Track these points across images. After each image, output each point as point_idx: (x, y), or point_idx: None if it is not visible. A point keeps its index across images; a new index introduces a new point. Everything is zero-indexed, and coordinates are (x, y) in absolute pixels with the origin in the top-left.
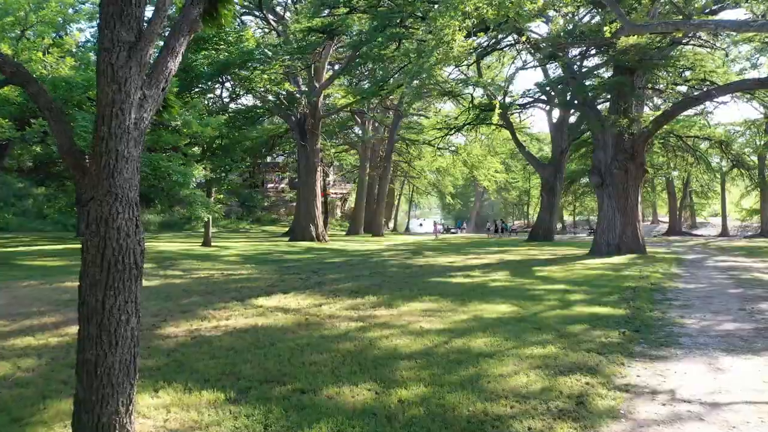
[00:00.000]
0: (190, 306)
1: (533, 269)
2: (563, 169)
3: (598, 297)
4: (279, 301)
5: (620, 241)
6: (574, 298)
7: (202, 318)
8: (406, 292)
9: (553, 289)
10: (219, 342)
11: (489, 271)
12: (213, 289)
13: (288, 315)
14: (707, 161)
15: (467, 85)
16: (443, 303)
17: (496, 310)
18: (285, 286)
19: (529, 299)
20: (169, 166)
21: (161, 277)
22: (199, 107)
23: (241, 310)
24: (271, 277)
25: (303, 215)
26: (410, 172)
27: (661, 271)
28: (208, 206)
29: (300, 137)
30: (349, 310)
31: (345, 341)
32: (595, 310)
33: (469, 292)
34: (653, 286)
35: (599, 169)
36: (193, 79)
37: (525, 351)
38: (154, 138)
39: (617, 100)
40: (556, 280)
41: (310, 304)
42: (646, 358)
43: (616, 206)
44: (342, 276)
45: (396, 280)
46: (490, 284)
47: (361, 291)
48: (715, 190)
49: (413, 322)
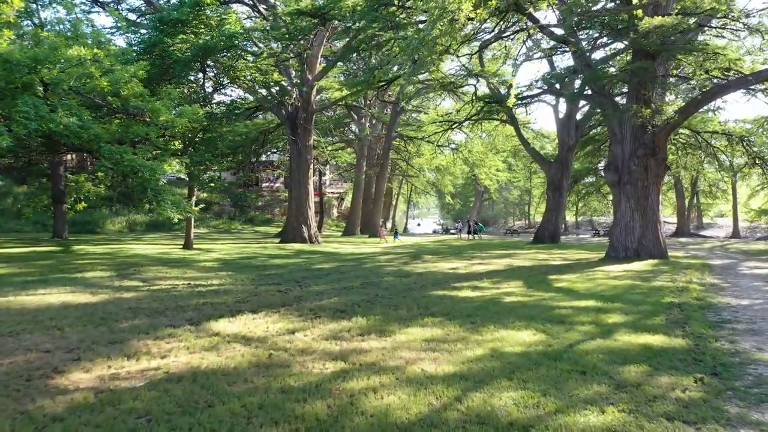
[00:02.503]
0: (125, 334)
1: (549, 278)
2: (570, 166)
3: (640, 318)
4: (244, 324)
5: (639, 245)
6: (612, 320)
7: (131, 354)
8: (404, 311)
9: (581, 307)
10: (132, 402)
11: (499, 280)
12: (167, 307)
13: (248, 348)
14: (719, 159)
15: (470, 76)
16: (450, 328)
17: (519, 339)
18: (257, 301)
19: (557, 322)
20: (133, 160)
21: (112, 289)
22: (174, 95)
23: (189, 341)
24: (245, 288)
25: (295, 215)
26: (408, 170)
27: (697, 281)
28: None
29: (291, 132)
30: (329, 340)
31: (315, 399)
32: (645, 339)
33: (481, 310)
34: (699, 302)
35: (616, 166)
36: (170, 65)
37: (577, 419)
38: (122, 129)
39: (638, 88)
40: (581, 294)
41: (282, 329)
42: (753, 428)
43: (635, 206)
44: (329, 288)
45: (392, 293)
46: (504, 299)
47: (349, 309)
48: (724, 190)
49: (412, 360)
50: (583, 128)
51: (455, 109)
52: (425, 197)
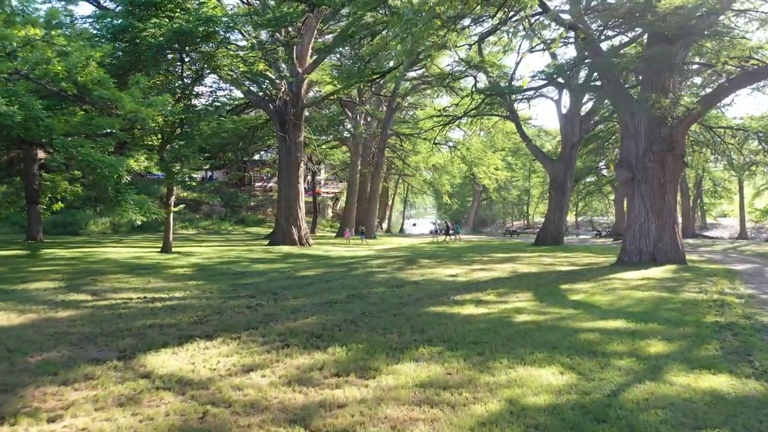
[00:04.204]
0: (25, 375)
1: (561, 289)
2: (574, 164)
3: (688, 347)
4: (190, 358)
5: (655, 249)
6: (654, 349)
7: (10, 414)
8: (394, 336)
9: (610, 330)
10: None
11: (505, 291)
12: (103, 331)
13: (179, 401)
14: (730, 156)
15: (469, 67)
16: (452, 363)
17: (543, 382)
18: (218, 322)
19: (586, 352)
20: (89, 154)
21: (49, 306)
22: (143, 84)
23: (106, 387)
24: (209, 303)
25: (284, 216)
26: (405, 170)
27: (731, 292)
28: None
29: (280, 128)
30: (293, 385)
31: None
32: (709, 381)
33: (489, 335)
34: (749, 321)
35: (629, 162)
36: (142, 51)
37: None
38: (84, 121)
39: (655, 77)
40: (604, 310)
41: (236, 366)
42: None
43: (650, 206)
44: (308, 302)
45: (381, 309)
46: (515, 318)
47: (326, 335)
48: (729, 189)
49: (401, 425)
50: (587, 124)
51: (453, 104)
52: (422, 197)
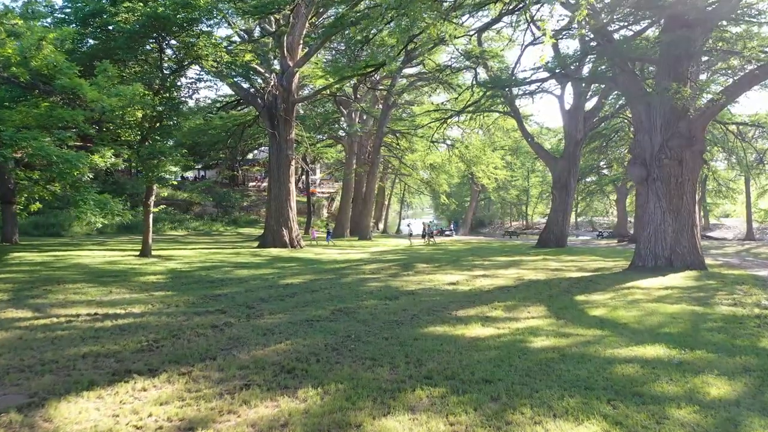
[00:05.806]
0: None
1: (577, 300)
2: (578, 163)
3: (760, 388)
4: (116, 406)
5: (672, 253)
6: (716, 391)
7: None
8: (384, 370)
9: (650, 360)
10: None
11: (514, 304)
12: (22, 363)
13: None
14: (738, 155)
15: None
16: (459, 416)
17: None
18: (170, 349)
19: (629, 396)
20: (42, 147)
21: None
22: (111, 72)
23: None
24: (169, 321)
25: (274, 217)
26: (401, 169)
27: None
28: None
29: (270, 125)
30: None
31: None
32: None
33: (502, 370)
34: None
35: (643, 159)
36: (114, 38)
37: None
38: (45, 113)
39: (674, 65)
40: (634, 330)
41: (172, 421)
42: None
43: (667, 207)
44: (285, 320)
45: (371, 329)
46: (531, 343)
47: (300, 368)
48: (733, 189)
49: None
50: (591, 121)
51: (452, 98)
52: (419, 197)
